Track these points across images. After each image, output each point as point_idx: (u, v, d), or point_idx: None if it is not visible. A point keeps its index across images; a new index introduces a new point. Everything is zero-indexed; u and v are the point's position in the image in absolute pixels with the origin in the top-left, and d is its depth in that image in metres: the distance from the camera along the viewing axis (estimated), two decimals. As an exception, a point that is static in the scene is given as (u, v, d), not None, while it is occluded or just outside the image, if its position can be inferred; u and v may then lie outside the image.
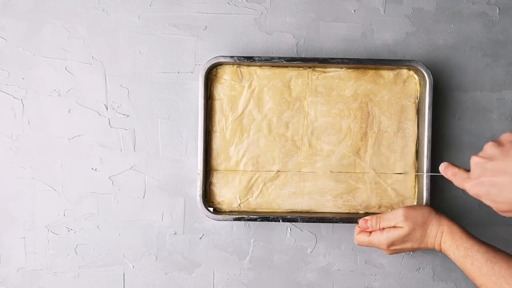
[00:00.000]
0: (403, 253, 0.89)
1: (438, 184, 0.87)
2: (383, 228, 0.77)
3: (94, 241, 0.89)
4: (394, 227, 0.76)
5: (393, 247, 0.76)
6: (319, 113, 0.85)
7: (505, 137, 0.64)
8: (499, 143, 0.63)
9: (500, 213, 0.64)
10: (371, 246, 0.79)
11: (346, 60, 0.83)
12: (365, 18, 0.88)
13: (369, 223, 0.78)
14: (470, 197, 0.88)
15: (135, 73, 0.88)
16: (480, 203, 0.88)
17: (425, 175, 0.83)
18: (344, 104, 0.85)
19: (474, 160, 0.64)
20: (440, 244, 0.74)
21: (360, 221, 0.79)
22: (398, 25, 0.88)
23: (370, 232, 0.78)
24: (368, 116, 0.85)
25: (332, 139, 0.85)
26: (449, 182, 0.88)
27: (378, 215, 0.78)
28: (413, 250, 0.77)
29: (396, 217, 0.76)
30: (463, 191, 0.87)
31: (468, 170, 0.67)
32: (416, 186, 0.85)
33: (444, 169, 0.72)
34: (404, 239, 0.75)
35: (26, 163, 0.88)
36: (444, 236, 0.74)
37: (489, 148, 0.64)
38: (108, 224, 0.89)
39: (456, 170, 0.69)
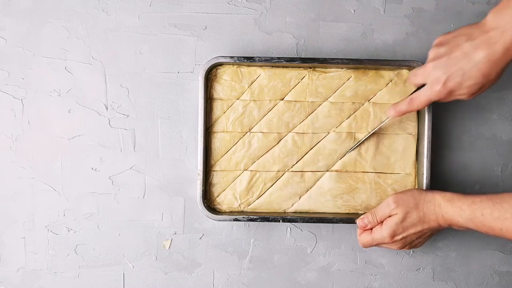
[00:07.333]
0: (403, 253, 0.89)
1: (438, 185, 0.87)
2: (382, 223, 0.78)
3: (94, 241, 0.89)
4: (390, 216, 0.77)
5: (397, 237, 0.76)
6: (320, 114, 0.85)
7: (443, 38, 0.72)
8: (441, 44, 0.72)
9: (471, 98, 0.72)
10: (377, 245, 0.79)
11: (346, 61, 0.83)
12: (365, 18, 0.88)
13: (365, 220, 0.79)
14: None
15: (135, 73, 0.88)
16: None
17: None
18: (344, 104, 0.85)
19: (431, 65, 0.72)
20: (442, 216, 0.74)
21: (358, 221, 0.80)
22: (398, 25, 0.88)
23: (371, 230, 0.79)
24: (369, 116, 0.85)
25: (333, 139, 0.85)
26: (448, 182, 0.88)
27: (371, 210, 0.79)
28: (420, 235, 0.76)
29: (388, 205, 0.77)
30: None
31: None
32: (416, 187, 0.85)
33: (396, 110, 0.79)
34: (403, 225, 0.75)
35: (26, 163, 0.88)
36: (443, 207, 0.74)
37: (436, 50, 0.72)
38: (108, 224, 0.89)
39: (410, 97, 0.77)
